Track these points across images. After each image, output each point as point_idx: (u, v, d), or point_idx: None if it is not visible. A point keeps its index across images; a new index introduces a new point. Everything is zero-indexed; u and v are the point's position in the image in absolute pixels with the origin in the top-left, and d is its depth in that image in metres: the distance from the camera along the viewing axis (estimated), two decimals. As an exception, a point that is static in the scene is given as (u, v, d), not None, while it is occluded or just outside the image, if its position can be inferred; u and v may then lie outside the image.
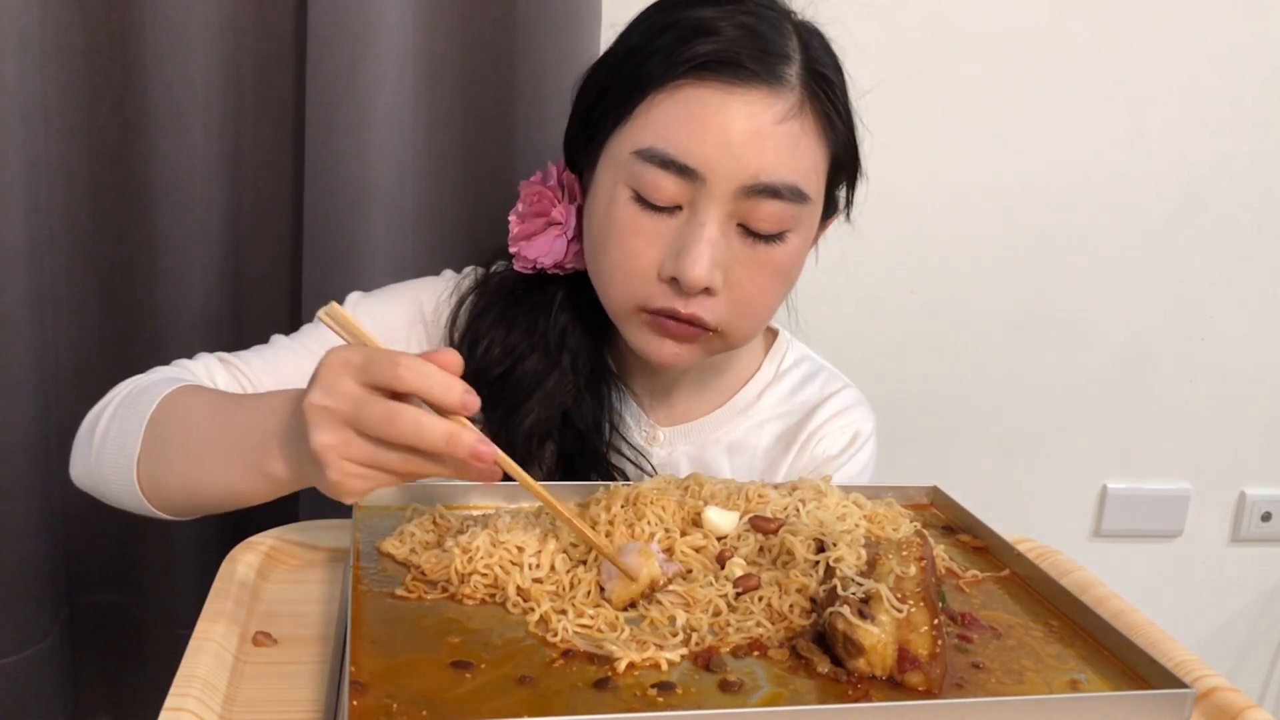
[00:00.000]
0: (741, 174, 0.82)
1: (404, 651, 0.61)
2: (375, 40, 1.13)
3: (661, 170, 0.82)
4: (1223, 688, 0.67)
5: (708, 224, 0.83)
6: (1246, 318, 1.54)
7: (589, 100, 0.90)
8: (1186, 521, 1.63)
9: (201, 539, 1.27)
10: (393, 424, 0.62)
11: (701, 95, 0.82)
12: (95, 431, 0.84)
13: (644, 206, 0.84)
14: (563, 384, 0.94)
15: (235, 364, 0.93)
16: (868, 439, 1.02)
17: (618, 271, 0.87)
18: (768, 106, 0.82)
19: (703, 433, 1.00)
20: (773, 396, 1.02)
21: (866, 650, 0.60)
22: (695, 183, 0.82)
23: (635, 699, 0.58)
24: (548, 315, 0.95)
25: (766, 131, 0.82)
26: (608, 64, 0.90)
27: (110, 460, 0.82)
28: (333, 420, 0.63)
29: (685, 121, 0.82)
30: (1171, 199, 1.47)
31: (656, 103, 0.83)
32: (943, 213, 1.43)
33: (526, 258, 0.94)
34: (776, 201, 0.83)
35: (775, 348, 1.05)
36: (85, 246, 1.21)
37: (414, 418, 0.62)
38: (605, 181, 0.87)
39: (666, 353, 0.89)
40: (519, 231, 0.95)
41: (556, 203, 0.94)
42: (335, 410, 0.63)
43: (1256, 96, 1.45)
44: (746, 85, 0.82)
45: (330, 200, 1.17)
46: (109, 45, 1.16)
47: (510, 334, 0.94)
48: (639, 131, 0.84)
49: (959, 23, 1.36)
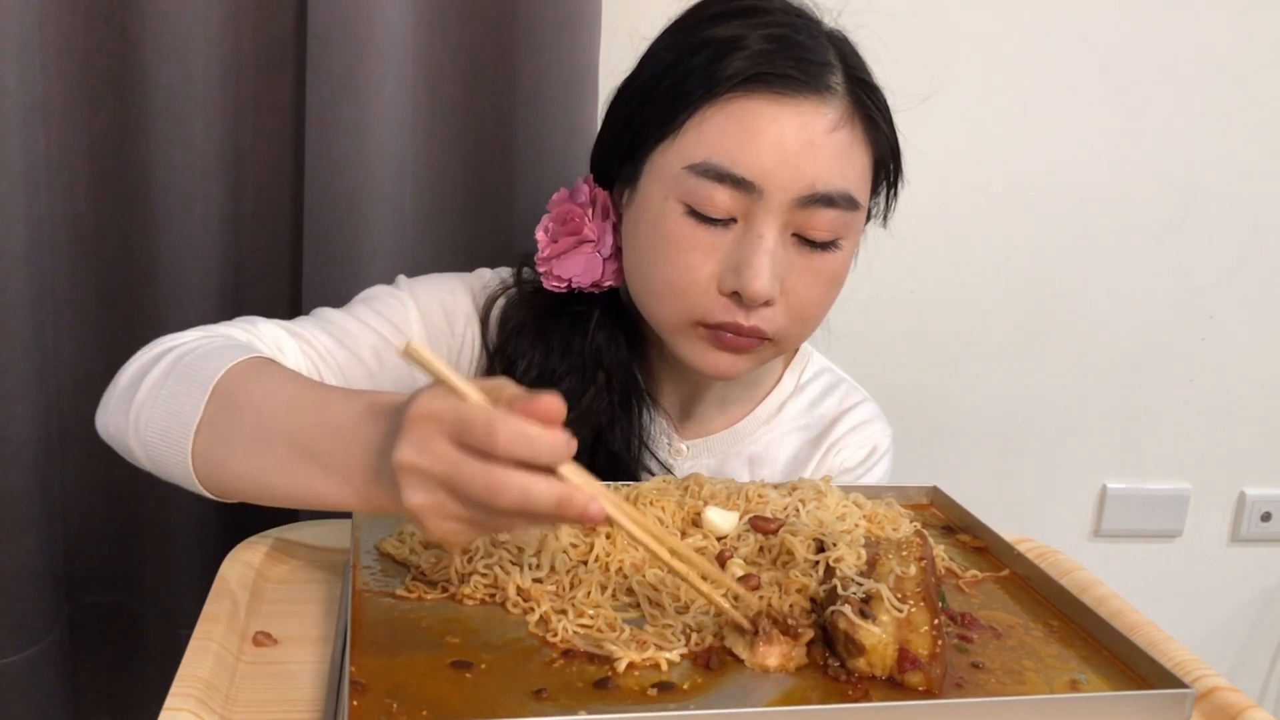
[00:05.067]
0: (797, 184, 0.82)
1: (404, 651, 0.61)
2: (375, 40, 1.13)
3: (716, 183, 0.82)
4: (1223, 688, 0.67)
5: (766, 235, 0.82)
6: (1246, 318, 1.54)
7: (624, 118, 0.90)
8: (1186, 521, 1.63)
9: (201, 539, 1.27)
10: (497, 496, 0.56)
11: (753, 107, 0.82)
12: (141, 385, 0.76)
13: (698, 220, 0.83)
14: (597, 403, 0.93)
15: (304, 336, 0.89)
16: (885, 453, 1.02)
17: (673, 286, 0.86)
18: (820, 115, 0.82)
19: (725, 445, 1.00)
20: (794, 409, 1.02)
21: (867, 650, 0.60)
22: (751, 195, 0.82)
23: (635, 699, 0.58)
24: (584, 335, 0.94)
25: (820, 141, 0.82)
26: (641, 83, 0.89)
27: (158, 423, 0.74)
28: (428, 483, 0.58)
29: (739, 134, 0.81)
30: (1171, 199, 1.47)
31: (707, 117, 0.83)
32: (943, 213, 1.43)
33: (560, 276, 0.93)
34: (831, 210, 0.83)
35: (797, 359, 1.05)
36: (85, 246, 1.21)
37: (520, 487, 0.56)
38: (653, 196, 0.86)
39: (724, 365, 0.88)
40: (550, 250, 0.93)
41: (588, 220, 0.92)
42: (430, 473, 0.58)
43: (1257, 96, 1.45)
44: (796, 95, 0.82)
45: (330, 200, 1.17)
46: (109, 46, 1.16)
47: (548, 356, 0.93)
48: (690, 146, 0.83)
49: (959, 23, 1.36)
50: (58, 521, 1.25)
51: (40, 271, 1.17)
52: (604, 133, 0.93)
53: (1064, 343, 1.51)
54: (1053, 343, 1.51)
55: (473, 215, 1.25)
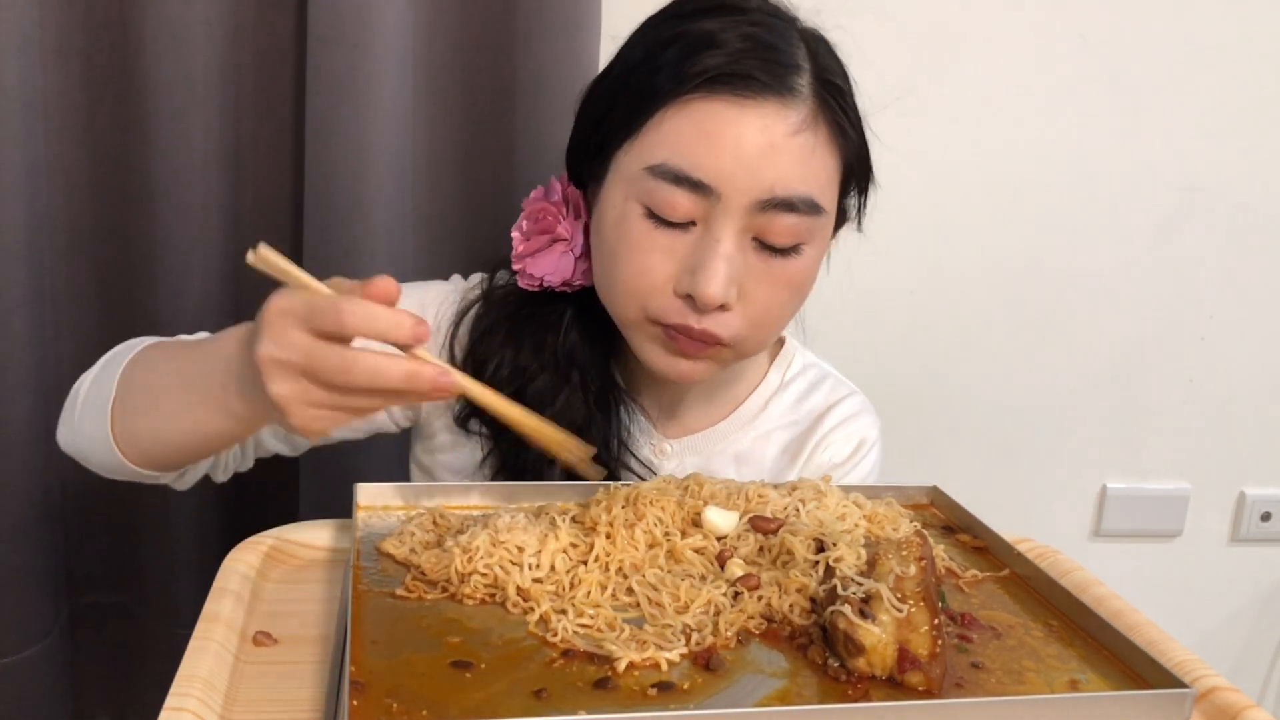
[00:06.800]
0: (756, 188, 0.80)
1: (404, 651, 0.61)
2: (375, 40, 1.13)
3: (674, 186, 0.81)
4: (1222, 688, 0.67)
5: (723, 240, 0.81)
6: (1246, 318, 1.54)
7: (594, 116, 0.89)
8: (1186, 521, 1.63)
9: (201, 539, 1.27)
10: (349, 372, 0.62)
11: (713, 109, 0.80)
12: (78, 395, 0.86)
13: (657, 223, 0.83)
14: (572, 402, 0.92)
15: None
16: (873, 445, 1.01)
17: (630, 287, 0.85)
18: (781, 119, 0.80)
19: (710, 443, 1.00)
20: (779, 405, 1.02)
21: (867, 650, 0.60)
22: (709, 198, 0.81)
23: (635, 699, 0.58)
24: (556, 333, 0.94)
25: (780, 144, 0.80)
26: (612, 78, 0.88)
27: (89, 418, 0.83)
28: (286, 371, 0.64)
29: (697, 136, 0.80)
30: (1171, 198, 1.47)
31: (667, 118, 0.82)
32: (942, 213, 1.43)
33: (532, 275, 0.93)
34: (792, 215, 0.82)
35: (781, 356, 1.04)
36: (85, 246, 1.21)
37: (370, 364, 0.62)
38: (615, 197, 0.86)
39: (680, 369, 0.88)
40: (523, 249, 0.93)
41: (561, 219, 0.92)
42: (287, 361, 0.63)
43: (1257, 96, 1.45)
44: (759, 97, 0.80)
45: (330, 200, 1.17)
46: (109, 45, 1.16)
47: (519, 354, 0.93)
48: (650, 147, 0.82)
49: (959, 23, 1.36)
50: (58, 521, 1.25)
51: (40, 271, 1.17)
52: (575, 130, 0.92)
53: (1064, 342, 1.51)
54: (1053, 342, 1.51)
55: (472, 215, 1.26)
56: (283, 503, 1.27)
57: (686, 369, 0.88)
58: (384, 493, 0.80)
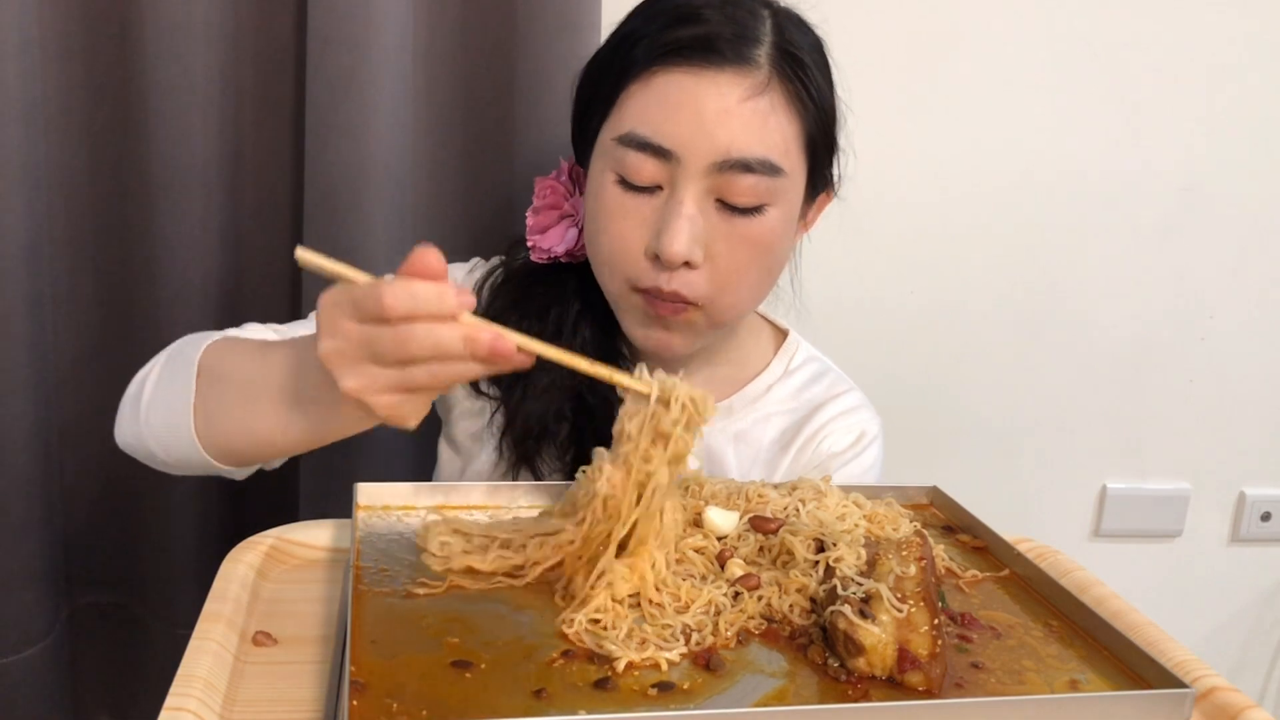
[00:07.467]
0: (713, 150, 0.85)
1: (404, 651, 0.61)
2: (375, 40, 1.13)
3: (640, 153, 0.86)
4: (1222, 688, 0.67)
5: (685, 200, 0.86)
6: (1246, 318, 1.54)
7: (583, 97, 0.95)
8: (1186, 521, 1.63)
9: (201, 539, 1.27)
10: (406, 345, 0.62)
11: (675, 79, 0.85)
12: (143, 393, 0.85)
13: (627, 189, 0.88)
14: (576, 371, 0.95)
15: (285, 332, 0.96)
16: (874, 439, 1.02)
17: (609, 254, 0.90)
18: (736, 85, 0.85)
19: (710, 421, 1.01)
20: (781, 392, 1.04)
21: (867, 650, 0.60)
22: (671, 162, 0.86)
23: (635, 699, 0.58)
24: (560, 302, 0.98)
25: (735, 109, 0.85)
26: (597, 61, 0.94)
27: (161, 417, 0.83)
28: (349, 361, 0.64)
29: (661, 106, 0.86)
30: (1171, 198, 1.47)
31: (634, 92, 0.87)
32: (942, 212, 1.43)
33: (542, 249, 0.99)
34: (750, 175, 0.86)
35: (785, 347, 1.07)
36: (85, 246, 1.21)
37: (425, 334, 0.62)
38: (595, 171, 0.91)
39: (656, 340, 0.92)
40: (534, 225, 1.00)
41: (569, 196, 0.99)
42: (347, 352, 0.64)
43: (1257, 96, 1.45)
44: (717, 68, 0.85)
45: (330, 200, 1.17)
46: (109, 46, 1.16)
47: (524, 321, 0.96)
48: (621, 119, 0.88)
49: (958, 21, 1.36)
50: (58, 521, 1.25)
51: (40, 271, 1.17)
52: (572, 113, 0.97)
53: (1064, 343, 1.51)
54: (1053, 343, 1.51)
55: (472, 215, 1.26)
56: (283, 503, 1.27)
57: (663, 338, 0.92)
58: (384, 492, 0.80)
